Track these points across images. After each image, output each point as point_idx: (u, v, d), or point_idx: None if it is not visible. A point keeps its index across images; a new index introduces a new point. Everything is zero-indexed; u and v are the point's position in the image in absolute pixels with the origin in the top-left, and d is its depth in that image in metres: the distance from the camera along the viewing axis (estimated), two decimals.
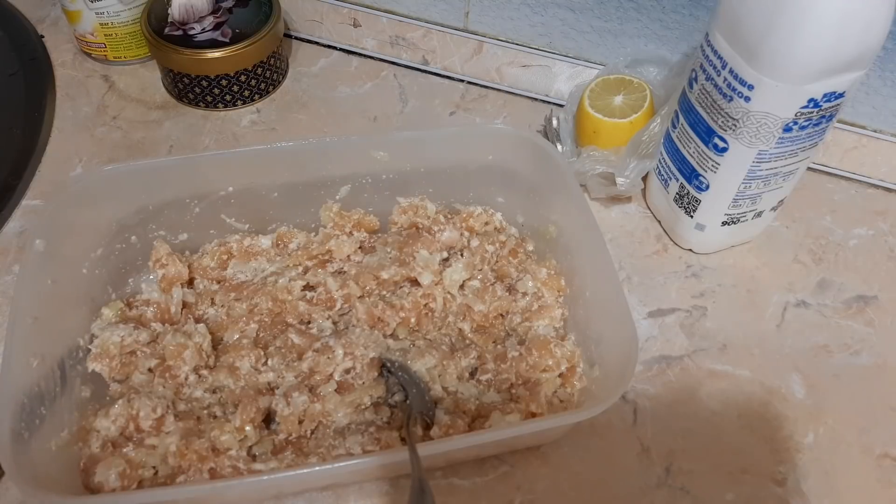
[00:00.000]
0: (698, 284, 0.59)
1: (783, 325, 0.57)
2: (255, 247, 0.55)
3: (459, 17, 0.70)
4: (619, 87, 0.62)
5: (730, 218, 0.56)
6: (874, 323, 0.57)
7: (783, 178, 0.54)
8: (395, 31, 0.72)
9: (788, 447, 0.50)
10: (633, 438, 0.50)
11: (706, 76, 0.51)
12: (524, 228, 0.58)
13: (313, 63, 0.74)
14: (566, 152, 0.63)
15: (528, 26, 0.68)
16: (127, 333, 0.49)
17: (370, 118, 0.69)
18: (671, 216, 0.60)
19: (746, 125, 0.49)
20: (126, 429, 0.45)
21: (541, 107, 0.70)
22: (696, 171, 0.55)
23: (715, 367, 0.54)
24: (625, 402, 0.52)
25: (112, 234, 0.53)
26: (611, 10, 0.64)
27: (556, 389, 0.49)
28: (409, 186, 0.57)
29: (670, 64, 0.64)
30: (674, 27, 0.64)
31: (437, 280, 0.53)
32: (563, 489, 0.48)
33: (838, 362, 0.55)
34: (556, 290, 0.53)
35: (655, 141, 0.59)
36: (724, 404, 0.52)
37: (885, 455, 0.51)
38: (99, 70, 0.72)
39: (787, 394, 0.53)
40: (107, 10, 0.68)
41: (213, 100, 0.68)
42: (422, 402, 0.47)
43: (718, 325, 0.56)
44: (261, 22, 0.67)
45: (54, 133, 0.67)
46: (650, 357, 0.54)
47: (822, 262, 0.60)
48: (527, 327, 0.52)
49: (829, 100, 0.47)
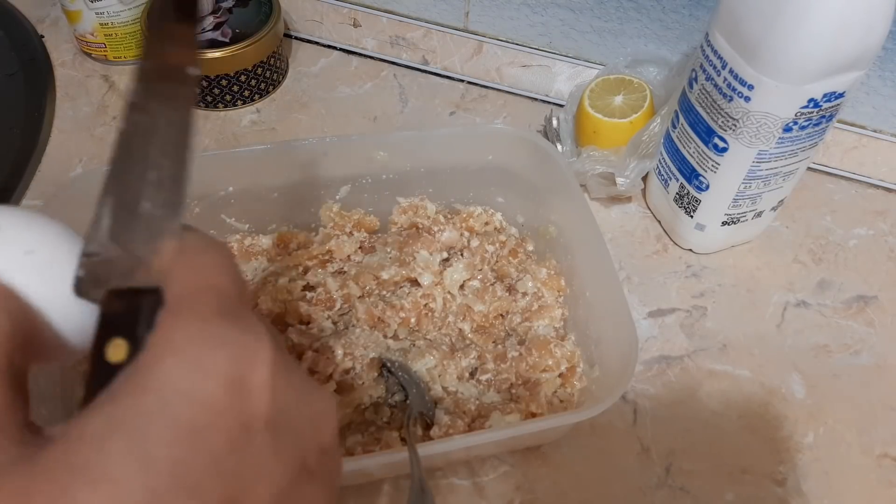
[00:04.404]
0: (698, 284, 0.59)
1: (783, 325, 0.57)
2: (255, 247, 0.55)
3: (459, 17, 0.70)
4: (619, 87, 0.62)
5: (730, 218, 0.56)
6: (874, 323, 0.57)
7: (783, 178, 0.54)
8: (395, 31, 0.72)
9: (788, 447, 0.50)
10: (633, 438, 0.50)
11: (706, 76, 0.51)
12: (524, 228, 0.58)
13: (313, 63, 0.74)
14: (566, 152, 0.63)
15: (528, 26, 0.68)
16: None
17: (370, 118, 0.69)
18: (671, 216, 0.60)
19: (746, 125, 0.49)
20: None
21: (541, 107, 0.70)
22: (696, 171, 0.55)
23: (715, 367, 0.54)
24: (625, 402, 0.52)
25: None
26: (611, 10, 0.64)
27: (556, 389, 0.49)
28: (409, 186, 0.57)
29: (670, 64, 0.64)
30: (674, 27, 0.64)
31: (437, 280, 0.53)
32: (563, 489, 0.48)
33: (838, 362, 0.55)
34: (556, 290, 0.53)
35: (655, 141, 0.59)
36: (724, 404, 0.52)
37: (885, 455, 0.51)
38: (99, 70, 0.72)
39: (787, 394, 0.53)
40: (107, 10, 0.68)
41: (213, 100, 0.68)
42: (422, 402, 0.47)
43: (718, 325, 0.56)
44: (261, 22, 0.67)
45: (54, 133, 0.67)
46: (650, 357, 0.54)
47: (822, 262, 0.60)
48: (527, 327, 0.52)
49: (829, 100, 0.47)
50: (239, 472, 0.18)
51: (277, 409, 0.19)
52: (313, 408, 0.21)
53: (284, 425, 0.19)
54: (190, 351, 0.18)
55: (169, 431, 0.17)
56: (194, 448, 0.17)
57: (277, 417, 0.19)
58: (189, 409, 0.17)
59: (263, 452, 0.18)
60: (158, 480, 0.16)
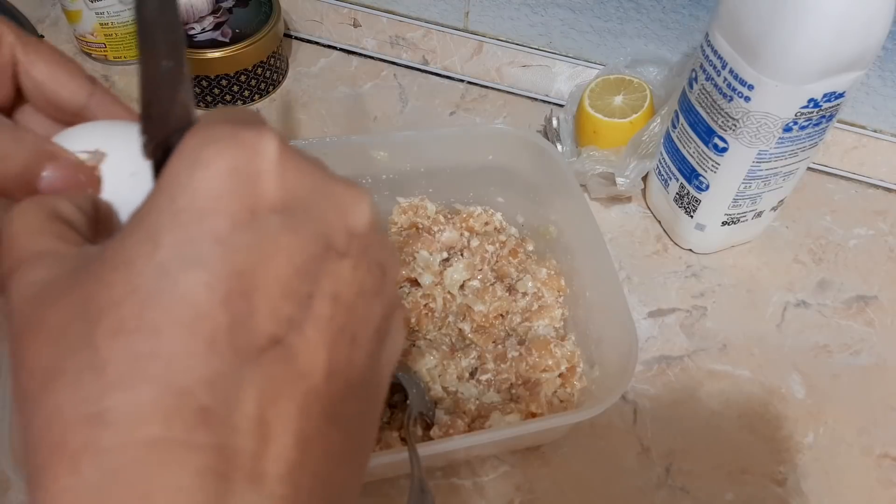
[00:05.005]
0: (698, 284, 0.59)
1: (783, 325, 0.57)
2: None
3: (459, 17, 0.70)
4: (619, 87, 0.62)
5: (730, 218, 0.56)
6: (874, 323, 0.57)
7: (783, 178, 0.54)
8: (395, 31, 0.72)
9: (788, 447, 0.50)
10: (633, 438, 0.50)
11: (706, 76, 0.51)
12: (524, 228, 0.58)
13: (313, 63, 0.74)
14: (566, 152, 0.63)
15: (528, 26, 0.68)
16: None
17: (370, 118, 0.69)
18: (671, 216, 0.60)
19: (746, 125, 0.49)
20: None
21: (541, 107, 0.70)
22: (696, 171, 0.55)
23: (715, 367, 0.54)
24: (625, 402, 0.52)
25: None
26: (611, 10, 0.64)
27: (556, 389, 0.49)
28: (409, 186, 0.57)
29: (670, 64, 0.64)
30: (674, 27, 0.64)
31: (437, 280, 0.53)
32: (563, 489, 0.48)
33: (838, 362, 0.55)
34: (556, 290, 0.53)
35: (655, 141, 0.59)
36: (724, 404, 0.52)
37: (885, 455, 0.51)
38: (99, 70, 0.72)
39: (787, 394, 0.53)
40: (107, 10, 0.68)
41: (214, 100, 0.68)
42: (422, 402, 0.47)
43: (718, 325, 0.56)
44: (261, 22, 0.67)
45: None
46: (650, 357, 0.54)
47: (822, 262, 0.60)
48: (527, 327, 0.52)
49: (829, 100, 0.47)
50: (248, 248, 0.19)
51: (288, 193, 0.20)
52: (335, 194, 0.21)
53: (299, 208, 0.20)
54: (192, 151, 0.20)
55: (172, 218, 0.19)
56: (196, 230, 0.19)
57: (289, 201, 0.20)
58: (190, 199, 0.19)
59: (274, 230, 0.19)
60: (163, 255, 0.18)
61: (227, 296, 0.18)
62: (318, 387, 0.20)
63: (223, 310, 0.18)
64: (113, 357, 0.18)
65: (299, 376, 0.19)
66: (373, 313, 0.22)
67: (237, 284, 0.19)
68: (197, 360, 0.18)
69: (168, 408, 0.17)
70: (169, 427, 0.17)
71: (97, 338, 0.18)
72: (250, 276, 0.19)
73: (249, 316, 0.19)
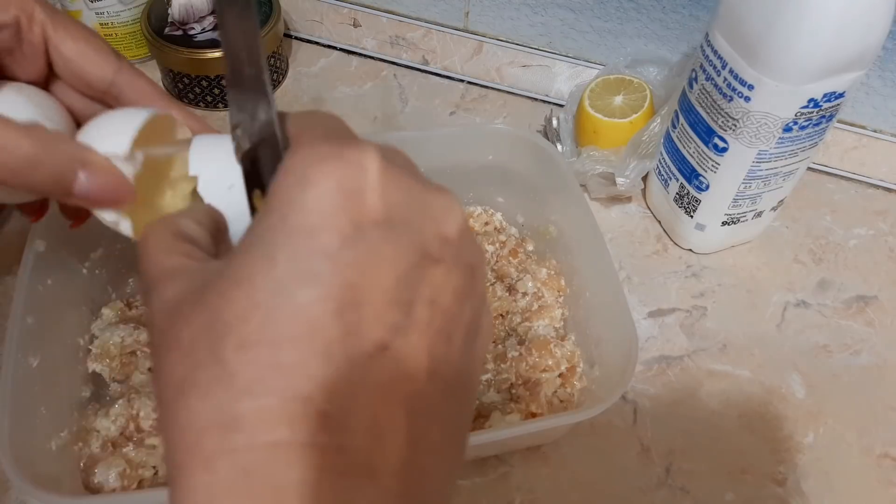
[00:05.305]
0: (698, 284, 0.59)
1: (783, 325, 0.57)
2: None
3: (459, 17, 0.70)
4: (619, 87, 0.62)
5: (730, 218, 0.56)
6: (874, 323, 0.57)
7: (783, 178, 0.54)
8: (395, 31, 0.72)
9: (788, 447, 0.50)
10: (633, 438, 0.50)
11: (706, 76, 0.51)
12: (524, 228, 0.58)
13: (313, 63, 0.74)
14: (566, 152, 0.63)
15: (528, 26, 0.68)
16: (127, 334, 0.49)
17: (370, 118, 0.69)
18: (671, 216, 0.60)
19: (746, 125, 0.49)
20: (126, 429, 0.45)
21: (541, 107, 0.70)
22: (696, 171, 0.55)
23: (715, 367, 0.54)
24: (625, 402, 0.52)
25: (112, 234, 0.52)
26: (611, 10, 0.64)
27: (556, 389, 0.49)
28: None
29: (670, 64, 0.64)
30: (674, 27, 0.64)
31: None
32: (563, 489, 0.48)
33: (838, 362, 0.55)
34: (556, 290, 0.53)
35: (655, 141, 0.59)
36: (724, 404, 0.52)
37: (885, 455, 0.51)
38: None
39: (787, 394, 0.53)
40: (107, 10, 0.68)
41: (214, 100, 0.68)
42: None
43: (718, 325, 0.56)
44: (261, 22, 0.67)
45: None
46: (650, 357, 0.54)
47: (822, 262, 0.60)
48: (527, 327, 0.52)
49: (829, 100, 0.47)
50: (355, 262, 0.20)
51: (389, 207, 0.21)
52: (429, 203, 0.23)
53: (398, 220, 0.21)
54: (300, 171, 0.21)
55: (286, 237, 0.20)
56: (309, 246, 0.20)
57: (390, 214, 0.21)
58: (301, 217, 0.20)
59: (377, 243, 0.21)
60: (280, 272, 0.20)
61: (339, 308, 0.20)
62: (421, 387, 0.21)
63: (336, 321, 0.20)
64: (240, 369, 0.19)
65: (405, 378, 0.21)
66: (465, 313, 0.23)
67: (347, 296, 0.20)
68: (315, 370, 0.19)
69: (292, 414, 0.19)
70: (294, 431, 0.19)
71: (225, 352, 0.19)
72: (358, 288, 0.20)
73: (359, 325, 0.20)
